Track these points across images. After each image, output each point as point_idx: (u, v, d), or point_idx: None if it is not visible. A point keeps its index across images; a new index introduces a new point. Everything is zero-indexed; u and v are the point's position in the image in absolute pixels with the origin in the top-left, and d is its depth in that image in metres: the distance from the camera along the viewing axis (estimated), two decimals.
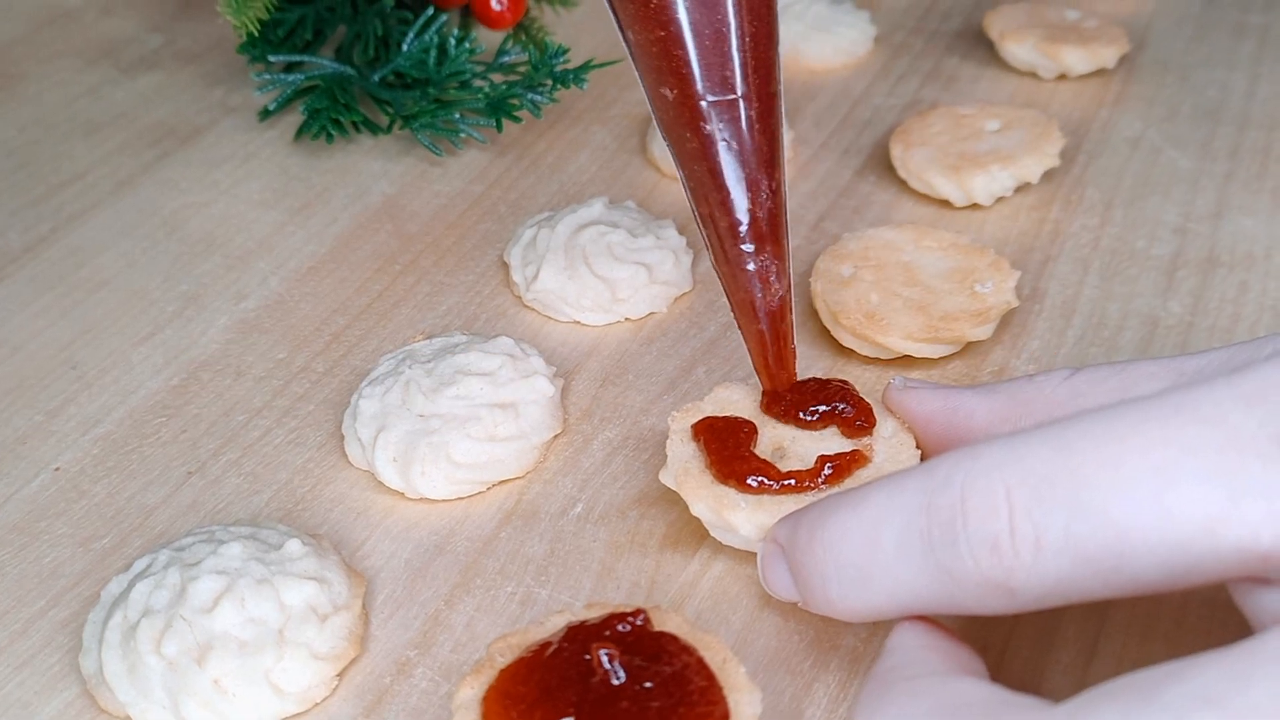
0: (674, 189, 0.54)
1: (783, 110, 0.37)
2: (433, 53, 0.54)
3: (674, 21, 0.36)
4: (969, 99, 0.60)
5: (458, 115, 0.54)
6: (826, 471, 0.36)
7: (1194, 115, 0.58)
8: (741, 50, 0.36)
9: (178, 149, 0.58)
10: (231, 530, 0.37)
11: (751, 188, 0.36)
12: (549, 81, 0.54)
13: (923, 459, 0.37)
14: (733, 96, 0.36)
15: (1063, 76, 0.60)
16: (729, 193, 0.36)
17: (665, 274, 0.47)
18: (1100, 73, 0.60)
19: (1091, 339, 0.45)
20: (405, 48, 0.56)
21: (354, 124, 0.56)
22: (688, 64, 0.36)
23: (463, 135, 0.55)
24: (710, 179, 0.37)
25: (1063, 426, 0.27)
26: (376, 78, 0.56)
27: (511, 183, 0.55)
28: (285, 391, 0.45)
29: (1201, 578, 0.26)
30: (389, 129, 0.54)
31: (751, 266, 0.37)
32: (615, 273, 0.46)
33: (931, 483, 0.28)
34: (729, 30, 0.36)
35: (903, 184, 0.53)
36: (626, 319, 0.47)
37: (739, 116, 0.36)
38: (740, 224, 0.36)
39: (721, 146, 0.36)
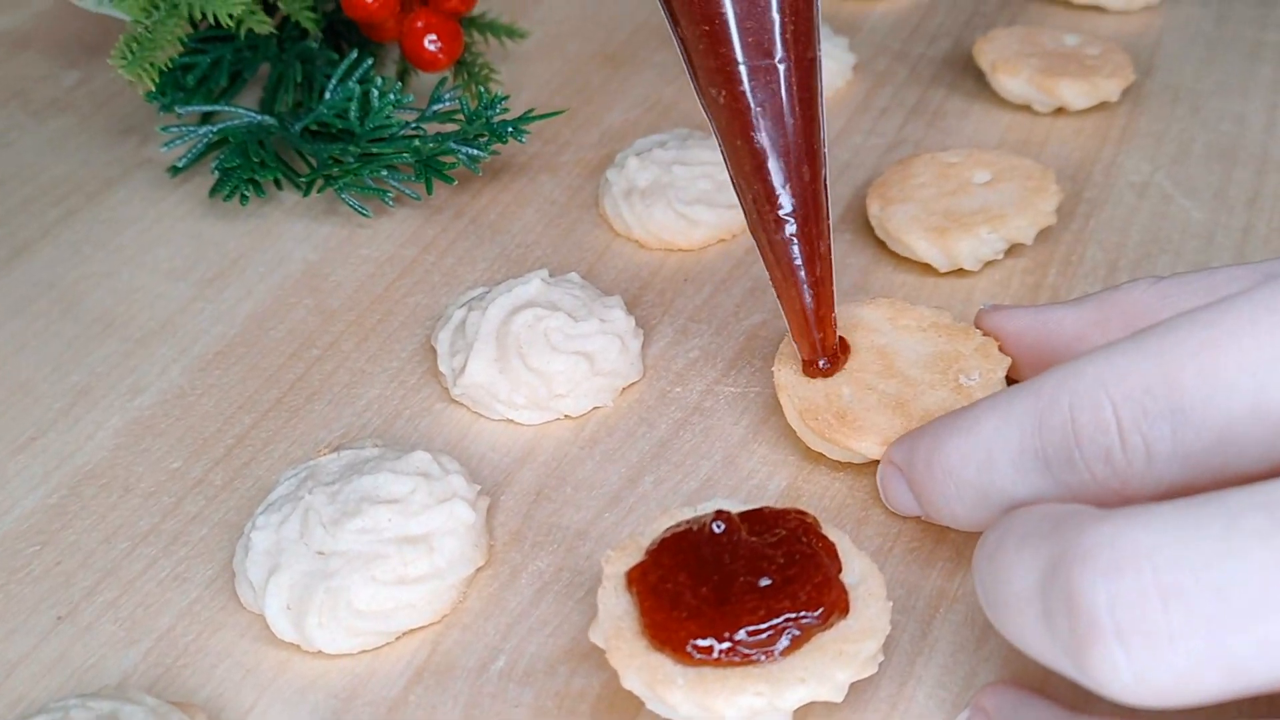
0: (627, 251, 0.49)
1: (822, 76, 0.37)
2: (355, 104, 0.49)
3: None
4: (957, 138, 0.54)
5: (385, 172, 0.48)
6: (784, 643, 0.30)
7: (1207, 155, 0.52)
8: (781, 13, 0.36)
9: (84, 206, 0.53)
10: (90, 707, 0.31)
11: (790, 153, 0.36)
12: (485, 135, 0.48)
13: (1013, 374, 0.38)
14: (770, 62, 0.36)
15: (1061, 110, 0.54)
16: (766, 158, 0.36)
17: (609, 363, 0.42)
18: (1103, 105, 0.54)
19: None
20: (328, 95, 0.50)
21: (276, 180, 0.50)
22: (726, 26, 0.36)
23: (392, 194, 0.49)
24: (747, 145, 0.36)
25: (1160, 334, 0.28)
26: (298, 128, 0.51)
27: (448, 245, 0.50)
28: (177, 511, 0.39)
29: None
30: (306, 192, 0.48)
31: (790, 230, 0.37)
32: (552, 365, 0.41)
33: (1039, 403, 0.29)
34: None
35: (881, 244, 0.48)
36: (566, 416, 0.42)
37: (778, 81, 0.36)
38: (778, 191, 0.36)
39: (758, 111, 0.36)
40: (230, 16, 0.50)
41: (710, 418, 0.41)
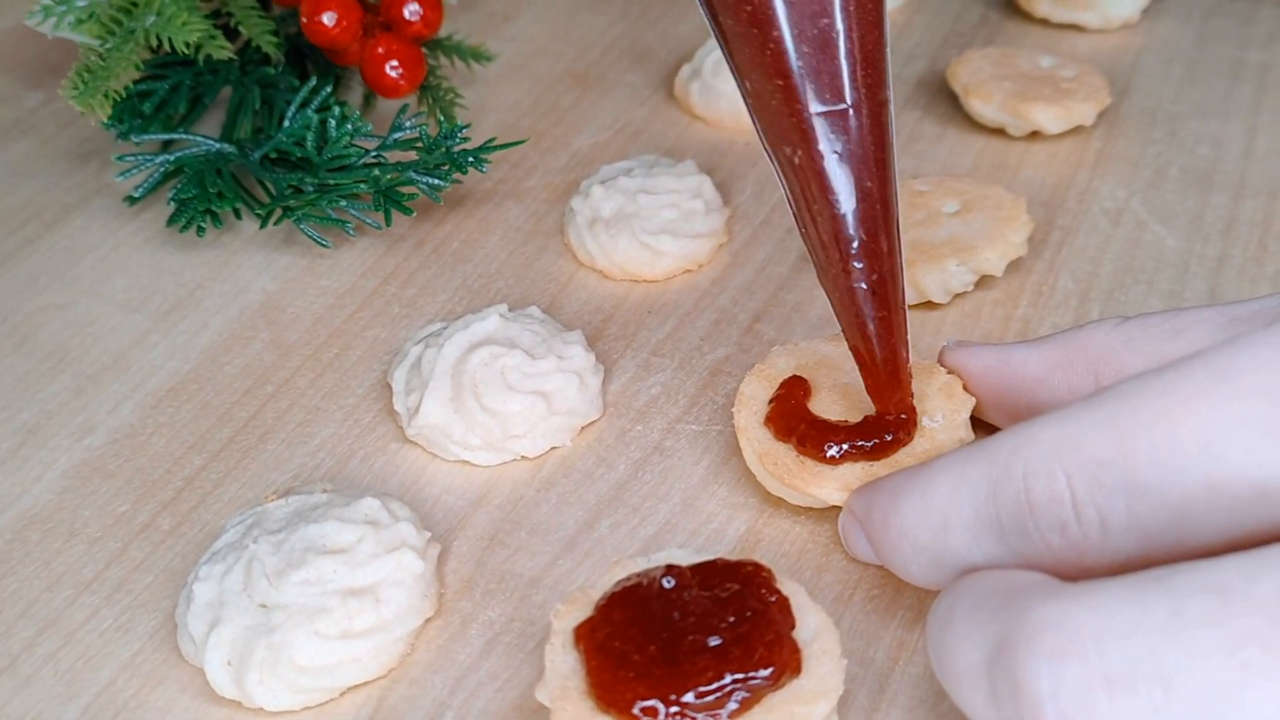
0: (591, 281, 0.48)
1: (893, 118, 0.35)
2: (312, 133, 0.48)
3: (776, 26, 0.33)
4: (930, 163, 0.53)
5: (344, 203, 0.47)
6: (733, 705, 0.29)
7: (1183, 180, 0.51)
8: (850, 56, 0.34)
9: (43, 234, 0.52)
10: None
11: (864, 199, 0.34)
12: (446, 164, 0.47)
13: (977, 412, 0.38)
14: (843, 106, 0.34)
15: (1036, 133, 0.53)
16: (839, 208, 0.34)
17: (567, 403, 0.41)
18: (1079, 128, 0.53)
19: None
20: (287, 122, 0.49)
21: (235, 210, 0.49)
22: (790, 73, 0.33)
23: (353, 224, 0.48)
24: (821, 194, 0.34)
25: (1115, 401, 0.28)
26: (257, 156, 0.50)
27: (409, 276, 0.49)
28: (122, 557, 0.38)
29: (1263, 538, 0.26)
30: (264, 224, 0.48)
31: (864, 285, 0.35)
32: (508, 405, 0.40)
33: (993, 471, 0.29)
34: (837, 36, 0.34)
35: None
36: (523, 457, 0.41)
37: (849, 126, 0.34)
38: (852, 241, 0.34)
39: (832, 160, 0.34)
40: (187, 44, 0.49)
41: (670, 458, 0.41)
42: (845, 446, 0.37)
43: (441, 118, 0.54)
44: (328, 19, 0.51)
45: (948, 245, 0.45)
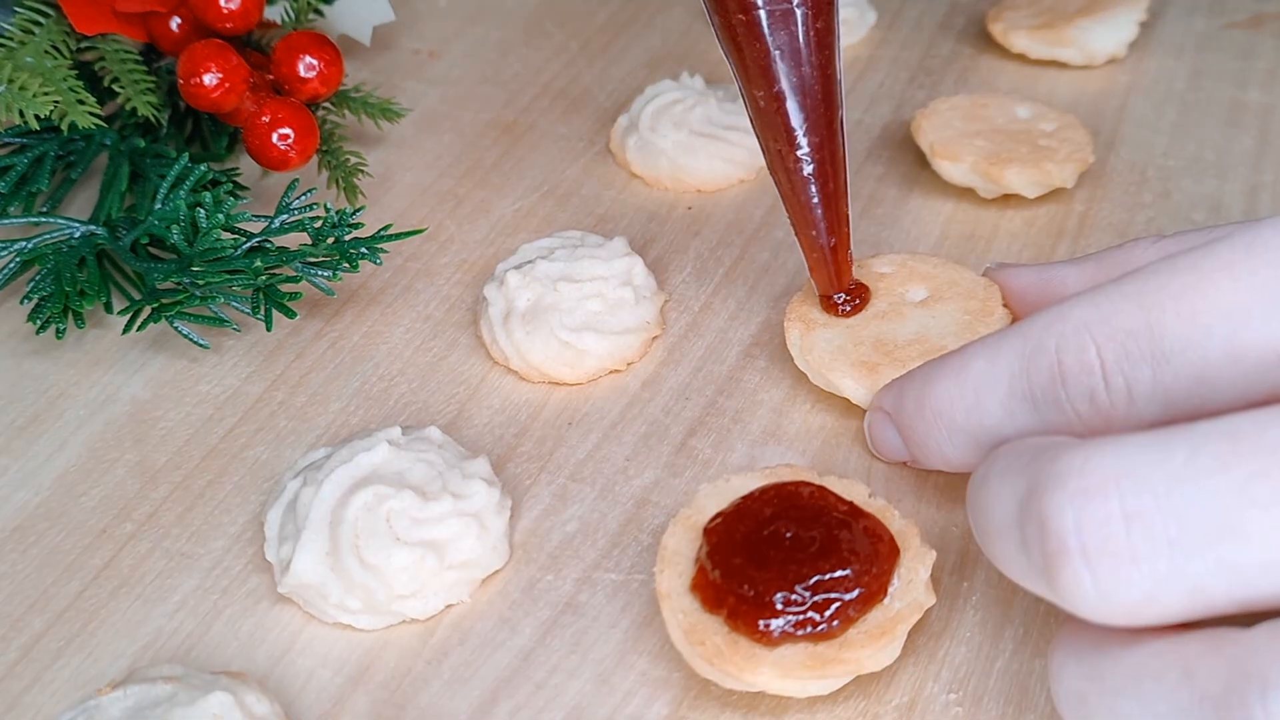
0: (505, 385, 0.42)
1: (839, 22, 0.38)
2: (179, 227, 0.42)
3: None
4: (894, 230, 0.47)
5: (222, 298, 0.41)
6: None
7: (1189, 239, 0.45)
8: None
9: None
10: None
11: (807, 91, 0.37)
12: (335, 256, 0.41)
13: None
14: (788, 6, 0.37)
15: (1012, 194, 0.47)
16: (785, 98, 0.37)
17: (463, 553, 0.35)
18: (1059, 189, 0.47)
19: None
20: (159, 204, 0.43)
21: (107, 304, 0.43)
22: None
23: (232, 322, 0.42)
24: (766, 84, 0.37)
25: (1143, 279, 0.29)
26: (128, 241, 0.44)
27: (300, 379, 0.43)
28: None
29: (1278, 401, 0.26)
30: (128, 327, 0.42)
31: (809, 170, 0.38)
32: (392, 560, 0.34)
33: (1027, 345, 0.30)
34: None
35: (801, 375, 0.41)
36: (412, 619, 0.35)
37: (795, 24, 0.37)
38: (796, 130, 0.38)
39: (777, 54, 0.37)
40: (39, 117, 0.42)
41: (584, 617, 0.35)
42: (786, 623, 0.31)
43: (343, 186, 0.48)
44: (209, 79, 0.45)
45: (915, 344, 0.39)
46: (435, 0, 0.64)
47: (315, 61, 0.47)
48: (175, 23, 0.50)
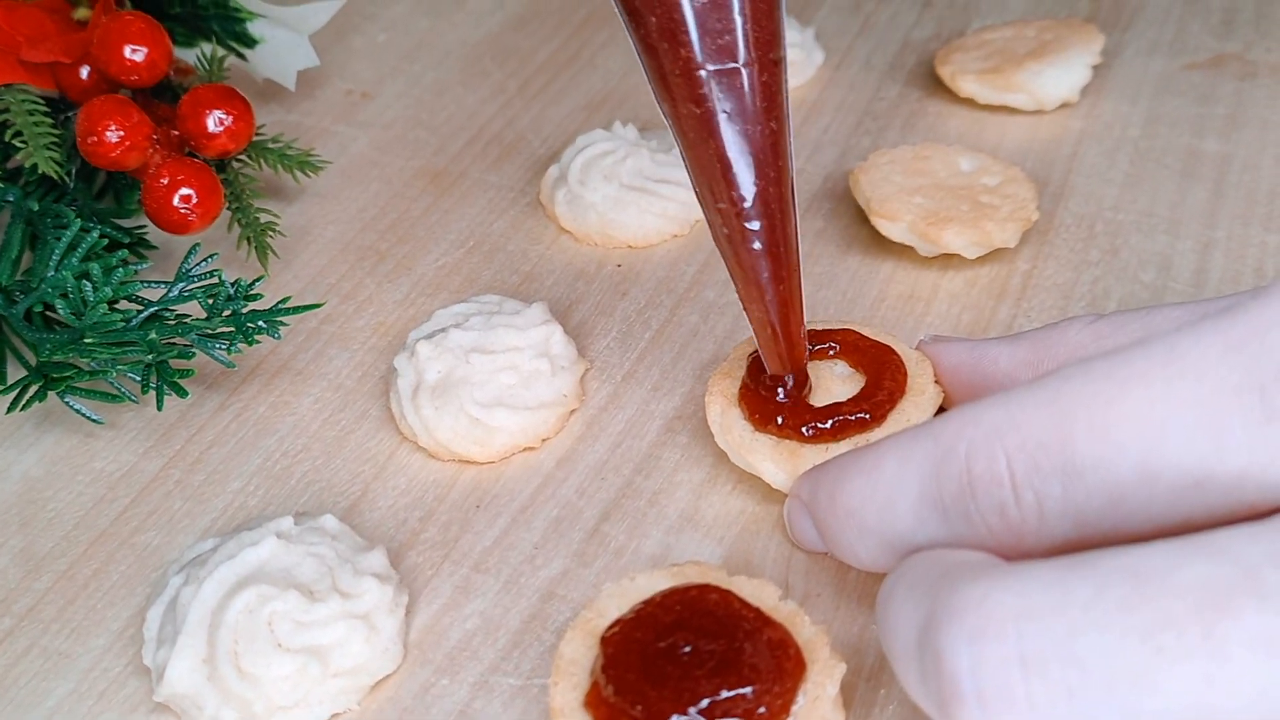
0: (414, 464, 0.40)
1: (786, 78, 0.35)
2: (64, 301, 0.39)
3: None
4: (830, 291, 0.45)
5: (114, 375, 0.39)
6: None
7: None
8: (744, 16, 0.33)
9: None
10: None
11: (757, 160, 0.34)
12: (232, 329, 0.39)
13: (948, 404, 0.37)
14: (734, 65, 0.34)
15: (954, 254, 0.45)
16: (732, 166, 0.34)
17: (350, 659, 0.33)
18: (1003, 248, 0.45)
19: None
20: (51, 271, 0.41)
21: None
22: (687, 31, 0.33)
23: (128, 394, 0.40)
24: (713, 152, 0.34)
25: (1056, 386, 0.27)
26: (21, 310, 0.42)
27: (200, 454, 0.41)
28: None
29: (1197, 526, 0.26)
30: (13, 406, 0.39)
31: (758, 245, 0.35)
32: (271, 669, 0.32)
33: (938, 449, 0.29)
34: None
35: (723, 454, 0.39)
36: None
37: (741, 86, 0.34)
38: (744, 199, 0.34)
39: (723, 118, 0.34)
40: None
41: None
42: None
43: (254, 245, 0.46)
44: (110, 137, 0.43)
45: (840, 429, 0.37)
46: (374, 36, 0.62)
47: (224, 116, 0.45)
48: (85, 72, 0.48)
